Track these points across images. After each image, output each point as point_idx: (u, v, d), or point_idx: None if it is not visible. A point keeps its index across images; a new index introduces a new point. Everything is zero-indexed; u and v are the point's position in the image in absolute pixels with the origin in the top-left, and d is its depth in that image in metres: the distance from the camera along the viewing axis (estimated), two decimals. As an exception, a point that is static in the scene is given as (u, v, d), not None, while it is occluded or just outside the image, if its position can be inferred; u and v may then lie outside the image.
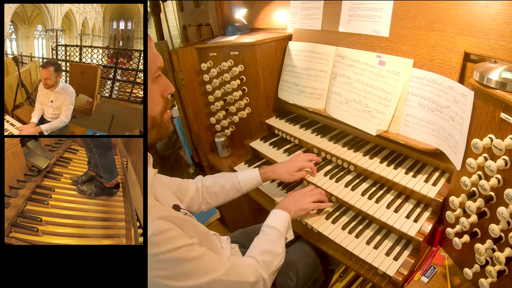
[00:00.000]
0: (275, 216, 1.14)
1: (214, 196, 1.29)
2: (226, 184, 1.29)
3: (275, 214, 1.15)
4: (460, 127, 0.95)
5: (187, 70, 1.71)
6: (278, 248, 1.04)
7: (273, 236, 1.07)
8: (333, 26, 1.49)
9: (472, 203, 0.87)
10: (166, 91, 0.85)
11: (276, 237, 1.07)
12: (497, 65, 0.87)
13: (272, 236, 1.07)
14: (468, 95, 0.90)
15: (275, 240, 1.06)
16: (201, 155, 1.96)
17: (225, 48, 1.65)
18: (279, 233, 1.08)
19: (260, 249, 1.02)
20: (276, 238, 1.06)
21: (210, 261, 0.83)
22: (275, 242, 1.05)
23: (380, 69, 1.26)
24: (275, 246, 1.04)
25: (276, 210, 1.16)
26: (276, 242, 1.05)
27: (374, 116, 1.28)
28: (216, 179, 1.31)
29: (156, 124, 0.84)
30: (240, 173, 1.32)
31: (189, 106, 1.79)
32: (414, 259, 1.05)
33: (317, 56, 1.50)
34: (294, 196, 1.25)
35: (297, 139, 1.56)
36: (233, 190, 1.29)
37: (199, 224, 0.95)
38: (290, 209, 1.17)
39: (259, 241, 1.06)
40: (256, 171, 1.31)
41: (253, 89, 1.68)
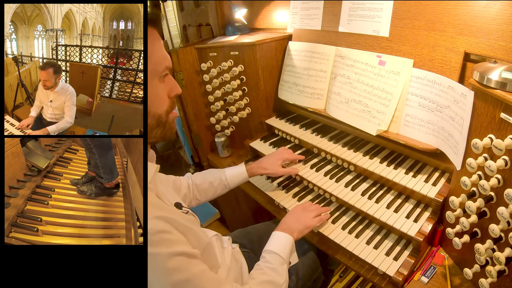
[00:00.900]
0: (277, 240, 1.05)
1: (204, 193, 1.31)
2: (214, 181, 1.31)
3: (277, 237, 1.06)
4: (460, 127, 0.95)
5: (187, 70, 1.71)
6: (281, 278, 0.96)
7: (275, 264, 0.98)
8: (333, 26, 1.49)
9: (472, 203, 0.87)
10: (173, 91, 0.84)
11: (278, 264, 0.98)
12: (497, 65, 0.87)
13: (274, 264, 0.98)
14: (468, 95, 0.90)
15: (277, 268, 0.97)
16: (201, 155, 1.96)
17: (225, 48, 1.65)
18: (281, 260, 0.99)
19: (260, 279, 0.94)
20: (278, 266, 0.98)
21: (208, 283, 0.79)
22: (277, 270, 0.97)
23: (380, 69, 1.26)
24: (276, 275, 0.96)
25: (277, 232, 1.07)
26: (278, 270, 0.97)
27: (374, 116, 1.27)
28: (205, 176, 1.33)
29: (161, 123, 0.83)
30: (228, 169, 1.34)
31: (189, 106, 1.79)
32: (414, 259, 1.05)
33: (317, 56, 1.50)
34: (295, 213, 1.18)
35: (297, 139, 1.56)
36: (221, 186, 1.32)
37: (200, 231, 0.91)
38: (293, 230, 1.09)
39: (259, 269, 0.98)
40: (242, 166, 1.34)
41: (253, 89, 1.68)
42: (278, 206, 1.41)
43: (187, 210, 0.98)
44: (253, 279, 0.95)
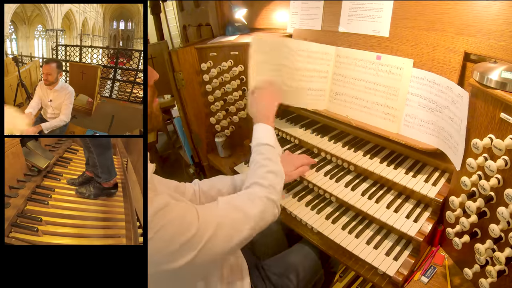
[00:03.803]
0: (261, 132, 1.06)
1: (211, 200, 1.22)
2: (223, 188, 1.23)
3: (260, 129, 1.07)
4: (458, 127, 0.95)
5: (187, 70, 1.71)
6: (277, 166, 0.97)
7: (270, 154, 0.99)
8: (333, 26, 1.49)
9: (472, 203, 0.87)
10: (150, 79, 0.83)
11: (272, 154, 0.99)
12: (497, 65, 0.87)
13: (268, 154, 0.99)
14: (464, 96, 0.90)
15: (272, 158, 0.98)
16: (201, 155, 1.96)
17: (225, 48, 1.65)
18: (272, 149, 1.01)
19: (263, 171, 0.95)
20: (272, 156, 0.99)
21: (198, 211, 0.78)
22: (272, 160, 0.98)
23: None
24: (274, 165, 0.97)
25: (258, 124, 1.08)
26: (273, 160, 0.98)
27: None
28: (213, 183, 1.25)
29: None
30: (238, 176, 1.27)
31: (189, 106, 1.79)
32: (414, 259, 1.05)
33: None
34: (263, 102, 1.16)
35: (297, 139, 1.56)
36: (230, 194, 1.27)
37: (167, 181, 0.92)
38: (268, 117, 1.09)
39: (258, 162, 0.99)
40: None
41: (253, 89, 1.68)
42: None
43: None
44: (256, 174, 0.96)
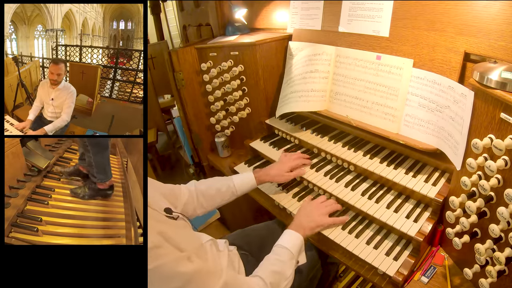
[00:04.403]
0: (288, 236, 1.09)
1: (210, 199, 1.27)
2: (222, 187, 1.27)
3: (288, 234, 1.10)
4: (460, 127, 0.95)
5: (187, 70, 1.71)
6: (287, 270, 1.00)
7: (284, 257, 1.03)
8: (333, 26, 1.49)
9: (472, 203, 0.87)
10: None
11: (287, 258, 1.02)
12: (497, 65, 0.87)
13: (283, 257, 1.03)
14: (468, 95, 0.90)
15: (285, 261, 1.02)
16: (201, 155, 1.96)
17: (225, 48, 1.65)
18: (290, 255, 1.03)
19: (269, 269, 0.99)
20: (286, 259, 1.02)
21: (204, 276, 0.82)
22: (285, 263, 1.01)
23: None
24: (284, 267, 1.00)
25: (289, 230, 1.11)
26: (286, 263, 1.01)
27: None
28: (211, 183, 1.30)
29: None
30: (236, 176, 1.32)
31: (189, 106, 1.79)
32: (414, 259, 1.04)
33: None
34: (306, 210, 1.20)
35: (297, 139, 1.56)
36: (228, 193, 1.28)
37: (191, 234, 0.95)
38: (305, 228, 1.12)
39: (268, 260, 1.03)
40: (250, 174, 1.32)
41: (253, 89, 1.68)
42: (278, 207, 1.41)
43: (177, 215, 0.98)
44: (262, 269, 1.00)
